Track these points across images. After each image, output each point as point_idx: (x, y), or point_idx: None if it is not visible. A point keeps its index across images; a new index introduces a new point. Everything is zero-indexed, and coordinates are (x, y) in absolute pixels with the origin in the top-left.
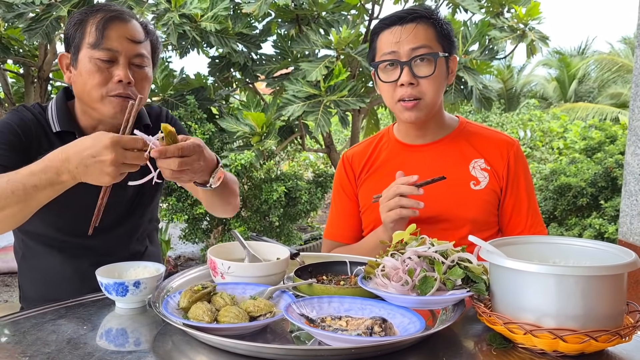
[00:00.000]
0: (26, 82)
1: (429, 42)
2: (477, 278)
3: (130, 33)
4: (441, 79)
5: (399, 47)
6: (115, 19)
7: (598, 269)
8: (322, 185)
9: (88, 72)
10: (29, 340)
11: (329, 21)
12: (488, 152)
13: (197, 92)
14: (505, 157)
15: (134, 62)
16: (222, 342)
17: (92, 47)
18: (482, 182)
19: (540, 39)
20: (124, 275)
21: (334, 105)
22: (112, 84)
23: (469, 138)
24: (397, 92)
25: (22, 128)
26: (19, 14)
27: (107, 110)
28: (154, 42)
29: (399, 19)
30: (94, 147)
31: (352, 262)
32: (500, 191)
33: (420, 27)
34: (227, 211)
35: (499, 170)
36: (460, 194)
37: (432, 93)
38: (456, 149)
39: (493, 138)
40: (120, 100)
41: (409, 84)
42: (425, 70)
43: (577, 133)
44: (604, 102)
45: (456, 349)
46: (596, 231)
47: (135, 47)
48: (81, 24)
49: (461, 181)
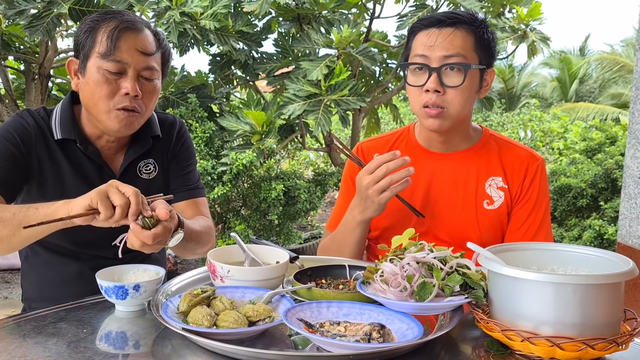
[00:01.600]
0: (27, 78)
1: (464, 51)
2: (475, 284)
3: (141, 45)
4: (470, 91)
5: (431, 51)
6: (127, 30)
7: (596, 278)
8: (321, 184)
9: (96, 83)
10: (30, 343)
11: (330, 20)
12: (508, 167)
13: (198, 90)
14: (523, 172)
15: (143, 74)
16: (221, 347)
17: (102, 57)
18: (497, 202)
19: (542, 39)
20: (124, 278)
21: (334, 105)
22: (119, 97)
23: (493, 151)
24: (422, 97)
25: (22, 136)
26: (20, 10)
27: (112, 125)
28: (166, 54)
29: (437, 21)
30: None
31: (350, 265)
32: (510, 210)
33: (457, 34)
34: (193, 256)
35: (514, 186)
36: (471, 214)
37: (458, 104)
38: (476, 163)
39: (517, 153)
40: (126, 115)
41: (434, 91)
42: (454, 80)
43: (578, 134)
44: (604, 102)
45: (454, 355)
46: (596, 232)
47: (146, 60)
48: (92, 31)
49: (474, 199)
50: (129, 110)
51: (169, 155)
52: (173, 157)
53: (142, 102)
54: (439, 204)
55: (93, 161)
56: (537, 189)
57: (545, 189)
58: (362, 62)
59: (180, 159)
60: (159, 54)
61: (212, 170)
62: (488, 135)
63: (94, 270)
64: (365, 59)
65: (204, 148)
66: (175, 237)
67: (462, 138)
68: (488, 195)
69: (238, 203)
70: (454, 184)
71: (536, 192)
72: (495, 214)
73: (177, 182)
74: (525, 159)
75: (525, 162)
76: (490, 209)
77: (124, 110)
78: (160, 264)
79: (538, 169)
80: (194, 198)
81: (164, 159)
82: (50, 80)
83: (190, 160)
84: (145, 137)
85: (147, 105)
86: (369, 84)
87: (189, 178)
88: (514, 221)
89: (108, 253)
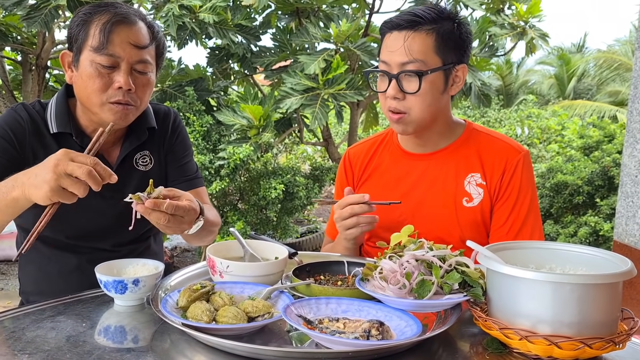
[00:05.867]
0: (24, 69)
1: (423, 55)
2: (474, 282)
3: (134, 38)
4: (432, 94)
5: (391, 57)
6: (120, 23)
7: (594, 277)
8: (319, 179)
9: (89, 76)
10: (28, 337)
11: (329, 14)
12: (486, 163)
13: (196, 83)
14: (502, 167)
15: (136, 68)
16: (220, 343)
17: (95, 51)
18: (476, 199)
19: (540, 36)
20: (123, 272)
21: (332, 99)
22: (112, 90)
23: (473, 147)
24: (387, 102)
25: (16, 131)
26: (18, 1)
27: (106, 117)
28: (160, 46)
29: (397, 25)
30: (46, 159)
31: (349, 262)
32: (491, 206)
33: (417, 38)
34: (202, 243)
35: (493, 182)
36: (450, 212)
37: (419, 109)
38: (455, 160)
39: (497, 146)
40: (120, 108)
41: (393, 97)
42: (412, 86)
43: (575, 131)
44: (602, 100)
45: (452, 352)
46: (591, 229)
47: (139, 53)
48: (85, 24)
49: (453, 197)
50: (123, 104)
51: (165, 147)
52: (170, 148)
53: (135, 95)
54: (419, 204)
55: None
56: (519, 184)
57: (528, 183)
58: (361, 56)
59: (177, 150)
60: (153, 47)
61: (209, 164)
62: (470, 129)
63: (92, 263)
64: (363, 53)
65: (202, 142)
66: (196, 225)
67: (439, 137)
68: (467, 192)
69: (235, 197)
70: (433, 184)
71: (517, 188)
72: (475, 211)
73: (176, 174)
74: (505, 152)
75: (505, 156)
76: (470, 206)
77: (118, 103)
78: (158, 258)
79: (519, 162)
80: (194, 188)
81: (160, 151)
82: (48, 72)
83: (187, 150)
84: (141, 129)
85: (141, 98)
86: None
87: (187, 168)
88: (495, 219)
89: (106, 245)
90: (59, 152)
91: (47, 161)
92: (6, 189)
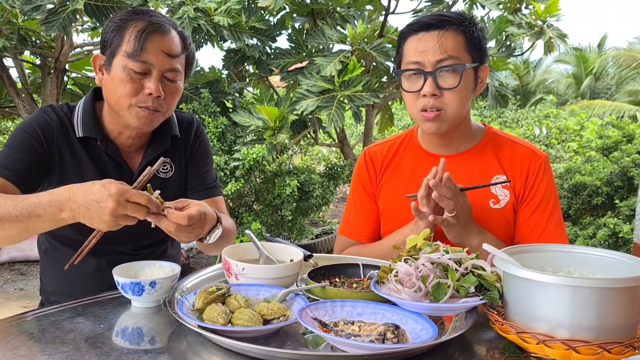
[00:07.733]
0: (43, 73)
1: (456, 52)
2: (490, 286)
3: (167, 46)
4: (467, 91)
5: (423, 56)
6: (155, 32)
7: (613, 281)
8: (334, 178)
9: (120, 80)
10: (48, 338)
11: (345, 16)
12: (511, 166)
13: (212, 85)
14: (525, 171)
15: (166, 75)
16: (235, 345)
17: (128, 57)
18: (502, 200)
19: (559, 36)
20: (140, 274)
21: (347, 100)
22: (142, 96)
23: (495, 150)
24: (419, 102)
25: (45, 131)
26: (36, 6)
27: (132, 121)
28: (190, 56)
29: (426, 25)
30: (100, 193)
31: (364, 264)
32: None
33: (448, 36)
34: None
35: (518, 185)
36: (478, 214)
37: (456, 105)
38: (479, 163)
39: (519, 151)
40: (147, 113)
41: (431, 95)
42: (449, 82)
43: (594, 131)
44: (621, 100)
45: (468, 356)
46: (610, 230)
47: (171, 61)
48: (120, 30)
49: (480, 199)
50: (151, 109)
51: (187, 155)
52: (191, 156)
53: (164, 102)
54: None
55: (113, 159)
56: (542, 187)
57: (550, 186)
58: (376, 57)
59: (198, 159)
60: (184, 56)
61: (224, 165)
62: (491, 133)
63: (111, 265)
64: (379, 54)
65: (217, 143)
66: (215, 233)
67: (463, 138)
68: (494, 194)
69: (250, 198)
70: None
71: (542, 191)
72: (502, 212)
73: (195, 182)
74: (527, 157)
75: (527, 160)
76: (497, 208)
77: (146, 109)
78: (175, 260)
79: (541, 166)
80: (212, 197)
81: (182, 159)
82: (66, 75)
83: (208, 159)
84: (164, 137)
85: (169, 105)
86: (382, 80)
87: (206, 177)
88: (520, 221)
89: (125, 248)
90: (113, 190)
91: (101, 197)
92: (51, 208)
